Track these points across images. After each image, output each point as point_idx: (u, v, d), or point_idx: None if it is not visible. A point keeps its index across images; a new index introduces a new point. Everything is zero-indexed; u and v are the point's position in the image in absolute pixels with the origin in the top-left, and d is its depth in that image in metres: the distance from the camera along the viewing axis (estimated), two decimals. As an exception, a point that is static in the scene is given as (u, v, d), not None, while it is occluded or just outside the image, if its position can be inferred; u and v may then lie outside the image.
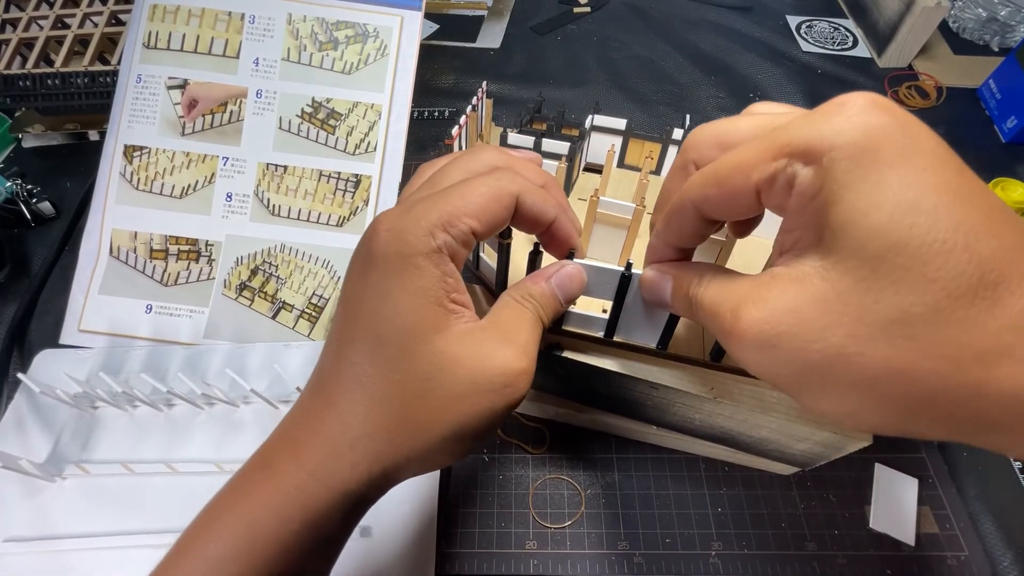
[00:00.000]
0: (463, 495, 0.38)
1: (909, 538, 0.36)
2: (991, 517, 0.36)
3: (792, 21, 0.75)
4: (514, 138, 0.37)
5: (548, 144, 0.36)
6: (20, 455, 0.34)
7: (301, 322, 0.44)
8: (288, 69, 0.46)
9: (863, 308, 0.16)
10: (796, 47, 0.71)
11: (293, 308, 0.44)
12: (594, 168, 0.41)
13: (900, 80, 0.66)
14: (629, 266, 0.24)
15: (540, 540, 0.36)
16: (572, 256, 0.24)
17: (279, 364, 0.41)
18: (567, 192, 0.37)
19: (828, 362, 0.16)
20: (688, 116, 0.45)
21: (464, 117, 0.35)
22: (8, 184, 0.50)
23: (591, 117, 0.39)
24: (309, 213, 0.45)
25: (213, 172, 0.45)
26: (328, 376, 0.21)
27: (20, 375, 0.36)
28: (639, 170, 0.39)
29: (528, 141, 0.36)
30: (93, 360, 0.42)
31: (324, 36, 0.46)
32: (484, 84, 0.38)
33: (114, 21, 0.57)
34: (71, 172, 0.54)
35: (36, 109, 0.57)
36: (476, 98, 0.37)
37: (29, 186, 0.51)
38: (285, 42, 0.46)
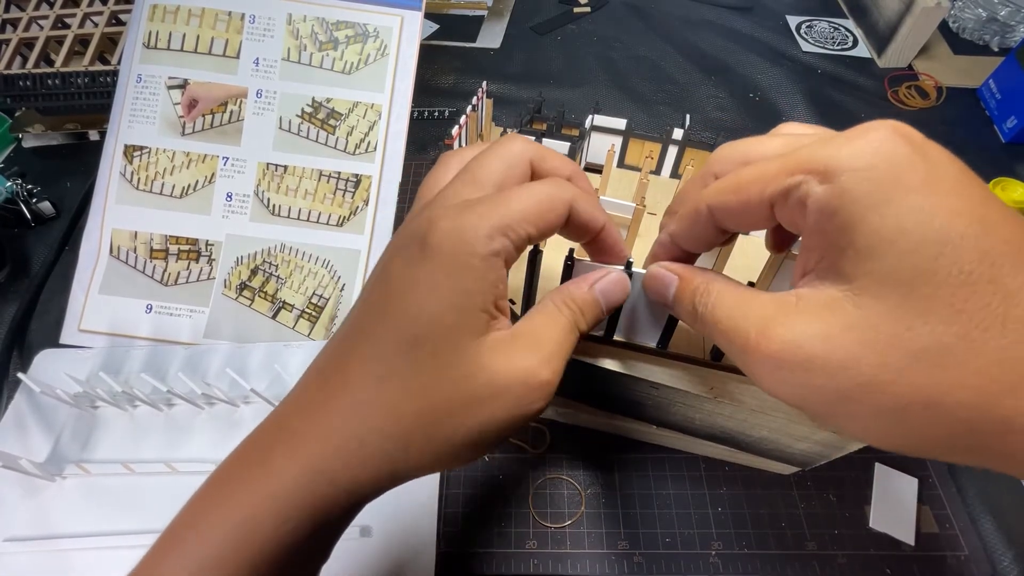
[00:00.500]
0: (463, 495, 0.38)
1: (909, 538, 0.36)
2: (991, 517, 0.36)
3: (792, 21, 0.75)
4: (514, 138, 0.37)
5: (548, 144, 0.36)
6: (20, 455, 0.34)
7: (301, 322, 0.44)
8: (288, 69, 0.46)
9: (895, 336, 0.15)
10: (796, 47, 0.71)
11: (293, 308, 0.44)
12: (594, 168, 0.41)
13: (900, 80, 0.66)
14: (629, 265, 0.24)
15: (540, 540, 0.36)
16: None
17: (279, 364, 0.41)
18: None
19: (860, 390, 0.16)
20: (688, 116, 0.45)
21: (464, 117, 0.35)
22: (8, 184, 0.50)
23: (591, 117, 0.39)
24: (309, 213, 0.45)
25: (213, 172, 0.45)
26: (342, 365, 0.20)
27: (20, 375, 0.36)
28: (639, 170, 0.39)
29: (528, 141, 0.36)
30: (93, 360, 0.42)
31: (324, 36, 0.46)
32: (484, 84, 0.38)
33: (114, 21, 0.57)
34: (71, 172, 0.54)
35: (36, 109, 0.57)
36: (476, 98, 0.37)
37: (29, 186, 0.51)
38: (285, 42, 0.46)
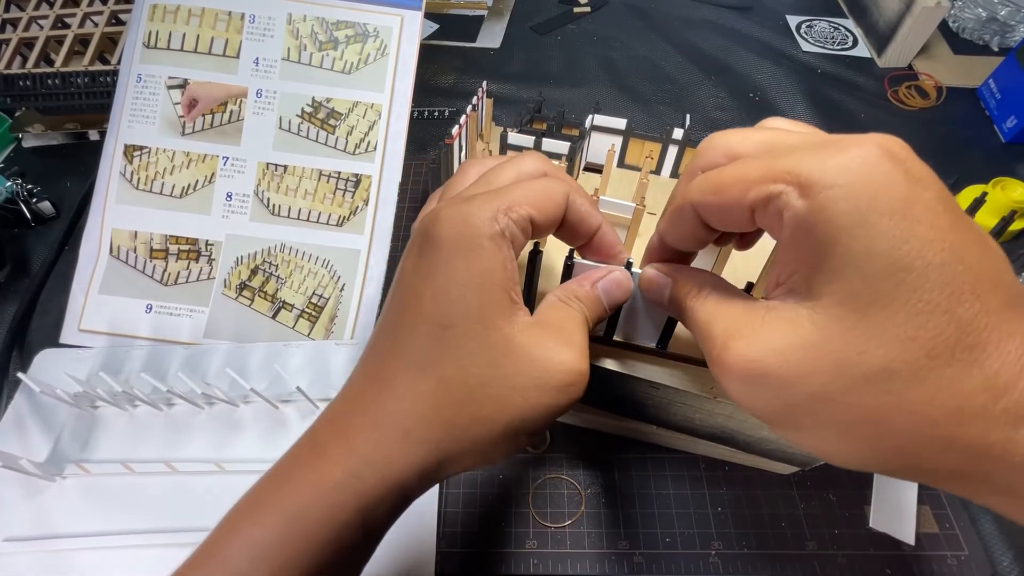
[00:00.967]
0: (463, 495, 0.38)
1: (909, 538, 0.36)
2: (991, 517, 0.36)
3: (792, 21, 0.75)
4: (514, 138, 0.37)
5: (548, 144, 0.36)
6: (20, 455, 0.34)
7: (301, 322, 0.44)
8: (288, 69, 0.46)
9: (846, 358, 0.16)
10: (796, 47, 0.71)
11: (293, 308, 0.44)
12: (594, 168, 0.41)
13: (900, 80, 0.66)
14: (629, 265, 0.24)
15: (540, 540, 0.36)
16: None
17: (279, 364, 0.41)
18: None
19: (808, 404, 0.17)
20: (688, 116, 0.45)
21: (464, 117, 0.35)
22: (8, 184, 0.50)
23: (591, 117, 0.39)
24: (309, 213, 0.45)
25: (213, 172, 0.45)
26: (384, 359, 0.21)
27: (20, 375, 0.36)
28: (639, 170, 0.39)
29: (528, 141, 0.36)
30: (93, 360, 0.42)
31: (324, 36, 0.46)
32: (484, 84, 0.38)
33: (114, 21, 0.57)
34: (71, 172, 0.54)
35: (36, 109, 0.57)
36: (476, 98, 0.37)
37: (29, 186, 0.51)
38: (285, 42, 0.46)
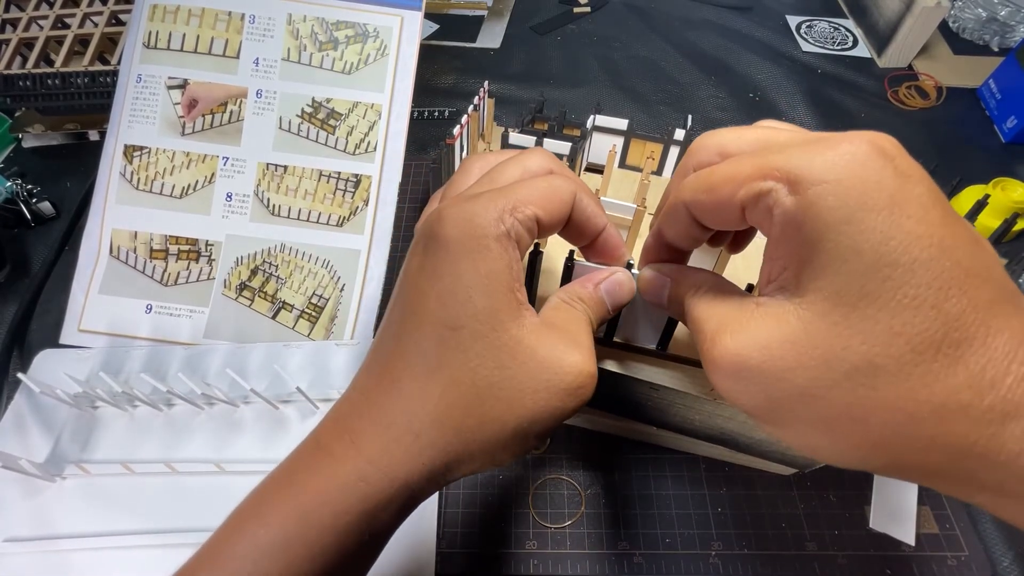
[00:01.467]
0: (463, 495, 0.38)
1: (909, 538, 0.36)
2: (991, 517, 0.36)
3: (792, 21, 0.75)
4: (515, 138, 0.37)
5: (549, 144, 0.36)
6: (20, 455, 0.34)
7: (301, 322, 0.44)
8: (288, 69, 0.46)
9: (830, 353, 0.16)
10: (796, 47, 0.71)
11: (293, 308, 0.44)
12: (595, 168, 0.41)
13: (900, 80, 0.66)
14: (630, 266, 0.24)
15: (540, 540, 0.36)
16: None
17: (279, 364, 0.41)
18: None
19: (791, 400, 0.17)
20: (689, 117, 0.45)
21: (466, 117, 0.35)
22: (8, 184, 0.50)
23: (592, 117, 0.39)
24: (309, 213, 0.45)
25: (213, 172, 0.45)
26: (390, 360, 0.21)
27: (20, 375, 0.36)
28: (640, 171, 0.39)
29: (529, 141, 0.36)
30: (93, 360, 0.42)
31: (324, 36, 0.46)
32: (486, 84, 0.38)
33: (114, 21, 0.57)
34: (71, 172, 0.54)
35: (36, 109, 0.57)
36: (478, 98, 0.37)
37: (29, 186, 0.51)
38: (285, 42, 0.46)
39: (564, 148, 0.35)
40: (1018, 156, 0.59)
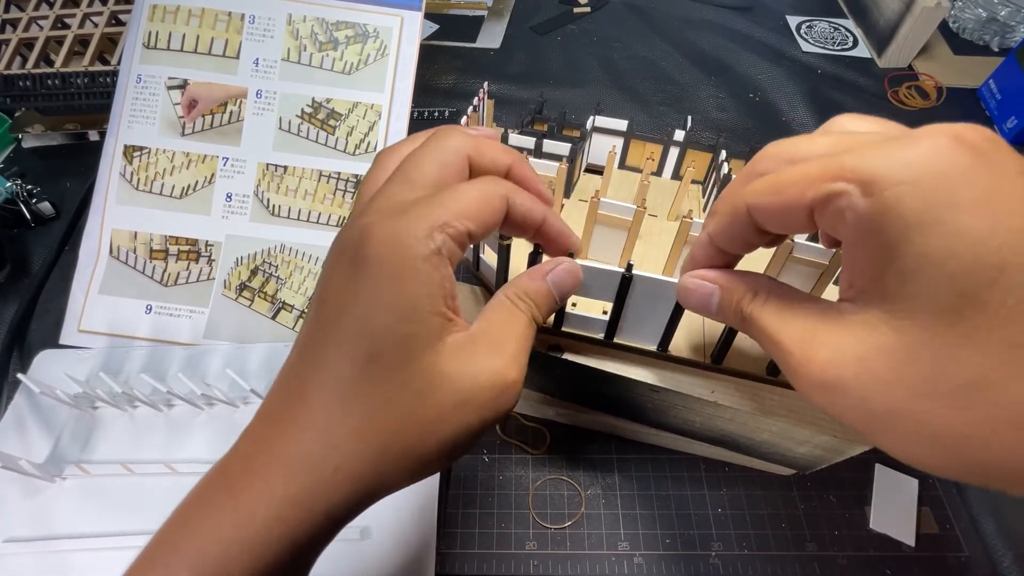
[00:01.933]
0: (463, 495, 0.38)
1: (909, 538, 0.36)
2: (991, 517, 0.36)
3: (792, 21, 0.75)
4: (515, 139, 0.37)
5: (549, 145, 0.36)
6: (20, 455, 0.34)
7: (301, 322, 0.44)
8: (288, 69, 0.46)
9: (936, 366, 0.15)
10: (796, 47, 0.71)
11: (293, 308, 0.44)
12: (595, 169, 0.41)
13: (900, 80, 0.66)
14: (630, 267, 0.24)
15: (540, 540, 0.36)
16: (572, 256, 0.24)
17: (279, 364, 0.40)
18: (567, 194, 0.37)
19: (891, 416, 0.16)
20: (689, 117, 0.45)
21: (465, 118, 0.35)
22: (8, 184, 0.50)
23: (592, 118, 0.39)
24: (309, 213, 0.45)
25: (213, 172, 0.45)
26: (304, 388, 0.20)
27: (20, 375, 0.36)
28: (640, 171, 0.39)
29: (529, 142, 0.36)
30: (93, 360, 0.42)
31: (324, 36, 0.46)
32: (486, 84, 0.38)
33: (114, 21, 0.57)
34: (71, 172, 0.54)
35: (36, 109, 0.57)
36: (477, 99, 0.37)
37: (29, 186, 0.51)
38: (285, 42, 0.46)
39: (564, 149, 0.35)
40: (1018, 156, 0.59)
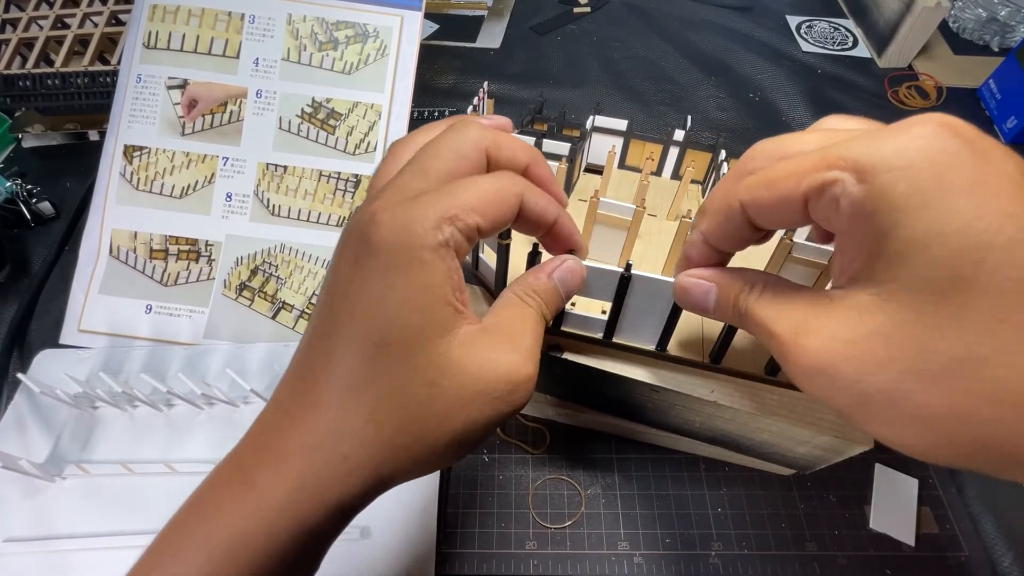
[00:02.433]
0: (463, 495, 0.38)
1: (909, 538, 0.36)
2: (992, 517, 0.36)
3: (792, 21, 0.75)
4: (514, 138, 0.37)
5: (549, 145, 0.36)
6: (20, 455, 0.34)
7: (301, 322, 0.44)
8: (288, 69, 0.46)
9: (924, 345, 0.15)
10: (796, 47, 0.71)
11: (293, 308, 0.44)
12: (595, 169, 0.41)
13: (900, 80, 0.66)
14: (629, 267, 0.24)
15: (540, 540, 0.36)
16: (572, 253, 0.24)
17: (279, 364, 0.41)
18: (567, 193, 0.37)
19: (884, 396, 0.16)
20: (689, 117, 0.45)
21: (464, 117, 0.35)
22: (8, 184, 0.50)
23: (592, 118, 0.39)
24: (309, 213, 0.45)
25: (213, 172, 0.45)
26: (315, 377, 0.20)
27: (20, 375, 0.36)
28: (640, 171, 0.39)
29: (529, 141, 0.36)
30: (93, 360, 0.42)
31: (324, 36, 0.46)
32: (486, 84, 0.38)
33: (114, 21, 0.57)
34: (71, 172, 0.54)
35: (36, 109, 0.57)
36: (477, 98, 0.37)
37: (29, 186, 0.51)
38: (285, 42, 0.46)
39: (563, 149, 0.35)
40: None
